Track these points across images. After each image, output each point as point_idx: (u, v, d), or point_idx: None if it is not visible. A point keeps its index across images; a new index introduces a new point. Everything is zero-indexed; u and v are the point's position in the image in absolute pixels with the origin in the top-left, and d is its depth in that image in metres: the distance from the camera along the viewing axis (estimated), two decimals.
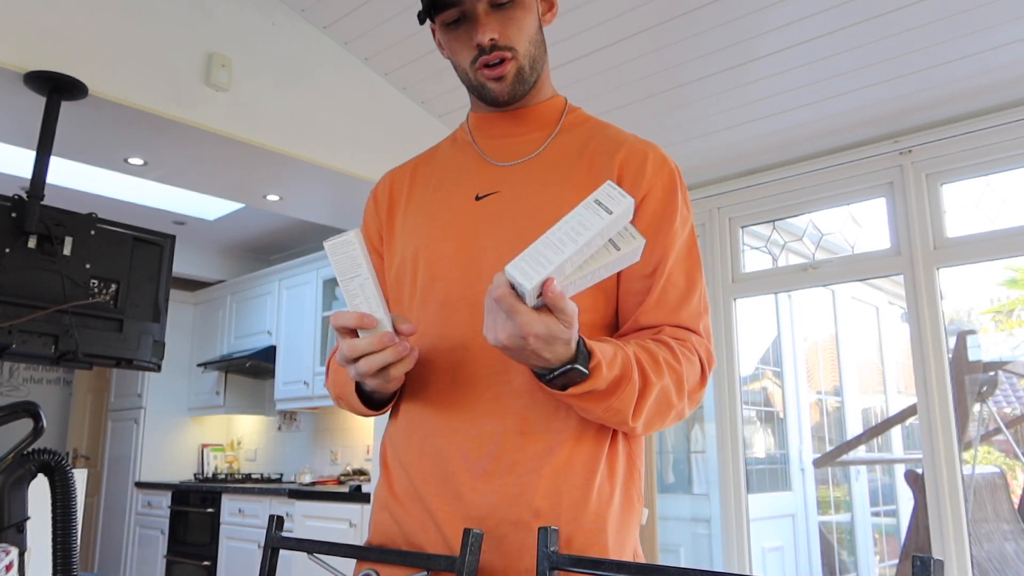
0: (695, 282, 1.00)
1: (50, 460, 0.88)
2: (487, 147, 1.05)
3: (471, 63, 0.99)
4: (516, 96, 1.01)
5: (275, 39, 2.93)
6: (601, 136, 1.03)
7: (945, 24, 2.38)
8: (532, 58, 1.00)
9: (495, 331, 0.77)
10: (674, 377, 0.90)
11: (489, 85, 0.99)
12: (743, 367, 3.60)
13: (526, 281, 0.73)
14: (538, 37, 1.02)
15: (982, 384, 4.36)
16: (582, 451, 0.92)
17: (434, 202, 1.04)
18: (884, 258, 3.06)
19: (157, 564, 4.81)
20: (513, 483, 0.90)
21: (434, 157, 1.12)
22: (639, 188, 0.97)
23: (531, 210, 0.96)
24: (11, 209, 2.05)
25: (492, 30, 0.95)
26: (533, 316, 0.75)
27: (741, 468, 3.34)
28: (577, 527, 0.90)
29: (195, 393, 5.48)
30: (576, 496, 0.91)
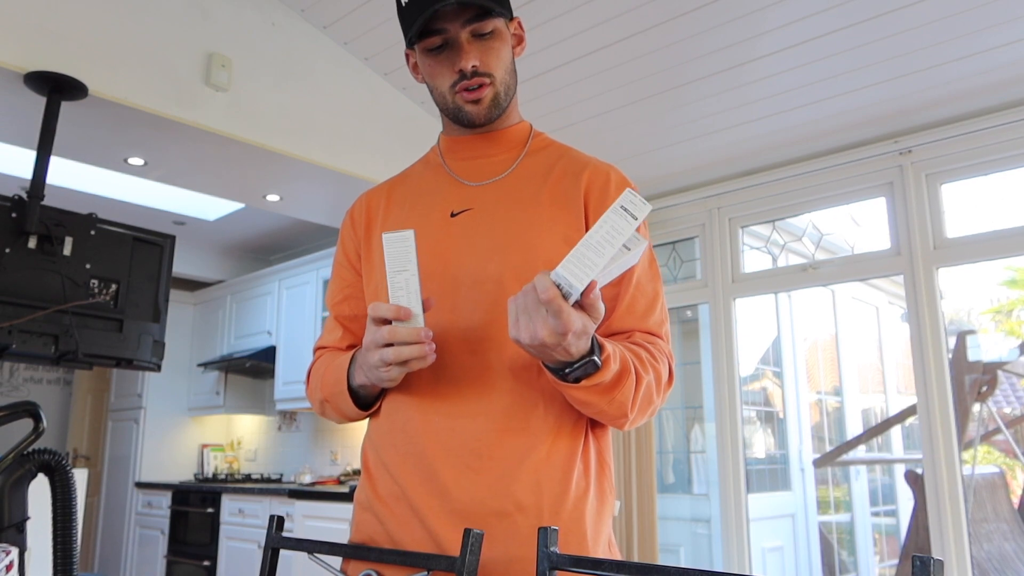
0: (657, 292, 1.08)
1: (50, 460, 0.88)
2: (458, 168, 1.12)
3: (451, 86, 1.05)
4: (490, 119, 1.08)
5: (275, 39, 2.93)
6: (566, 159, 1.11)
7: (945, 24, 2.38)
8: (507, 85, 1.08)
9: (534, 329, 0.82)
10: (655, 374, 0.99)
11: (467, 108, 1.06)
12: (743, 367, 3.60)
13: (577, 283, 0.80)
14: (512, 67, 1.09)
15: (982, 384, 4.36)
16: (560, 448, 0.99)
17: (411, 220, 1.09)
18: (884, 258, 3.06)
19: (157, 564, 4.81)
20: (496, 478, 0.96)
21: (408, 178, 1.18)
22: (604, 207, 1.04)
23: (504, 225, 1.03)
24: (11, 209, 2.05)
25: (475, 57, 1.02)
26: (575, 314, 0.82)
27: (741, 468, 3.34)
28: (557, 519, 0.96)
29: (195, 393, 5.48)
30: (556, 490, 0.97)
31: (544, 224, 1.03)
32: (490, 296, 0.99)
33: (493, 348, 0.98)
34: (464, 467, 0.96)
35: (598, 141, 3.34)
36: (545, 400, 0.98)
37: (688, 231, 3.72)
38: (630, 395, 0.94)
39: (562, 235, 1.03)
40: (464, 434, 0.97)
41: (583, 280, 0.80)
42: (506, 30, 1.07)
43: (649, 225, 3.85)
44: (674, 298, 3.74)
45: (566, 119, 3.20)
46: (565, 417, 0.99)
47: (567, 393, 0.93)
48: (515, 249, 1.01)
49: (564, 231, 1.03)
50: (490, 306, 0.99)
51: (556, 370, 0.90)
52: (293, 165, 3.00)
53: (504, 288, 0.99)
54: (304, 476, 4.62)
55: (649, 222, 3.96)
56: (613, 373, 0.91)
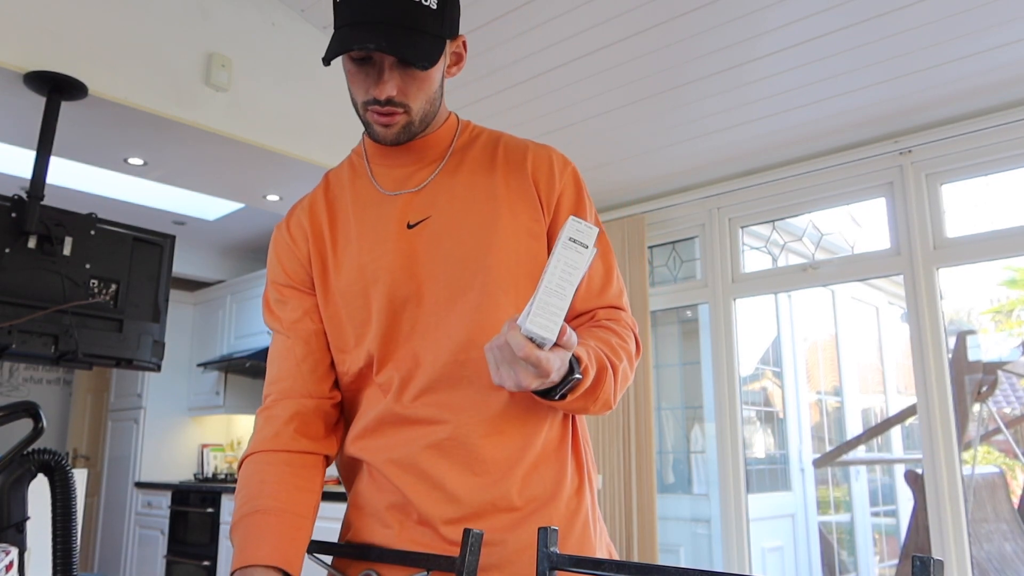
0: (611, 266, 1.08)
1: (50, 460, 0.88)
2: (386, 176, 1.08)
3: (363, 103, 1.00)
4: (399, 142, 1.03)
5: (275, 39, 2.93)
6: (502, 147, 1.08)
7: (945, 24, 2.38)
8: (424, 113, 1.02)
9: (517, 379, 0.83)
10: (626, 355, 1.01)
11: (376, 127, 1.02)
12: (743, 367, 3.60)
13: (549, 335, 0.80)
14: (437, 93, 1.03)
15: (981, 384, 4.36)
16: (551, 441, 1.01)
17: (364, 235, 1.05)
18: (884, 258, 3.06)
19: (157, 564, 4.81)
20: (495, 478, 0.97)
21: (339, 188, 1.12)
22: (553, 191, 1.05)
23: (469, 230, 1.01)
24: (11, 209, 2.05)
25: (392, 87, 0.97)
26: (553, 357, 0.82)
27: (741, 468, 3.34)
28: (555, 511, 0.98)
29: (195, 393, 5.47)
30: (552, 483, 0.99)
31: (507, 220, 1.02)
32: (475, 303, 0.99)
33: (482, 354, 0.97)
34: (463, 469, 0.96)
35: (598, 141, 3.34)
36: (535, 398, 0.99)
37: (688, 231, 3.72)
38: (611, 389, 0.96)
39: (526, 229, 1.03)
40: (461, 438, 0.97)
41: (553, 330, 0.80)
42: (440, 58, 1.00)
43: (649, 225, 3.84)
44: (674, 298, 3.74)
45: (566, 119, 3.20)
46: (554, 412, 1.02)
47: (553, 405, 0.95)
48: (487, 252, 1.00)
49: (527, 224, 1.03)
50: (475, 313, 0.98)
51: (544, 394, 0.91)
52: (293, 165, 3.00)
53: (487, 293, 0.99)
54: None
55: (649, 222, 3.95)
56: (593, 377, 0.92)
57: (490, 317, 0.98)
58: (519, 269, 1.01)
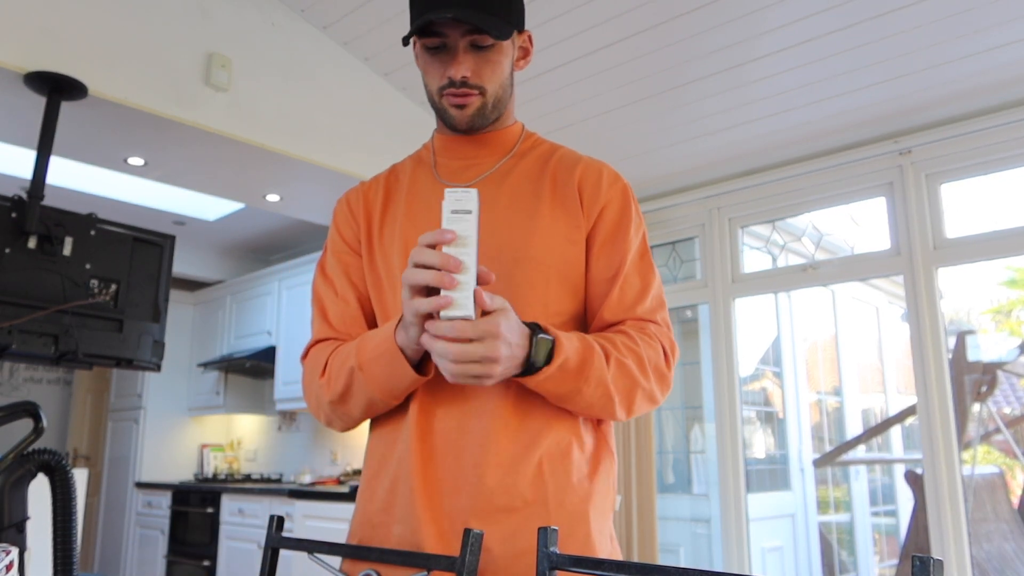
0: (649, 282, 1.09)
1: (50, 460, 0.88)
2: (450, 168, 1.13)
3: (439, 88, 1.06)
4: (473, 127, 1.08)
5: (275, 39, 2.93)
6: (557, 156, 1.12)
7: (945, 24, 2.38)
8: (497, 98, 1.07)
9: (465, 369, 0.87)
10: (632, 355, 1.00)
11: (451, 111, 1.06)
12: (743, 367, 3.60)
13: (466, 312, 0.83)
14: (508, 80, 1.09)
15: (981, 384, 4.36)
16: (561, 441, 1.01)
17: (411, 220, 1.09)
18: (884, 258, 3.06)
19: (157, 564, 4.81)
20: (503, 475, 0.98)
21: (401, 176, 1.19)
22: (597, 201, 1.07)
23: (507, 226, 1.05)
24: (11, 209, 2.05)
25: (467, 68, 1.02)
26: (490, 324, 0.86)
27: (741, 468, 3.35)
28: (561, 510, 0.98)
29: (195, 393, 5.48)
30: (560, 483, 0.99)
31: (545, 222, 1.05)
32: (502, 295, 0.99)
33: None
34: (473, 465, 0.98)
35: (598, 141, 3.34)
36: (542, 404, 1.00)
37: (688, 231, 3.72)
38: (605, 374, 0.96)
39: (563, 235, 1.05)
40: (471, 433, 0.99)
41: (468, 306, 0.83)
42: (509, 44, 1.06)
43: (649, 225, 3.84)
44: (674, 298, 3.74)
45: (566, 119, 3.20)
46: (564, 411, 1.02)
47: (545, 390, 0.95)
48: (518, 248, 1.03)
49: (565, 230, 1.05)
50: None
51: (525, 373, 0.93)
52: (293, 165, 3.00)
53: (515, 286, 1.01)
54: (304, 476, 4.62)
55: (649, 222, 3.96)
56: (576, 351, 0.94)
57: (515, 310, 0.98)
58: (550, 269, 1.03)
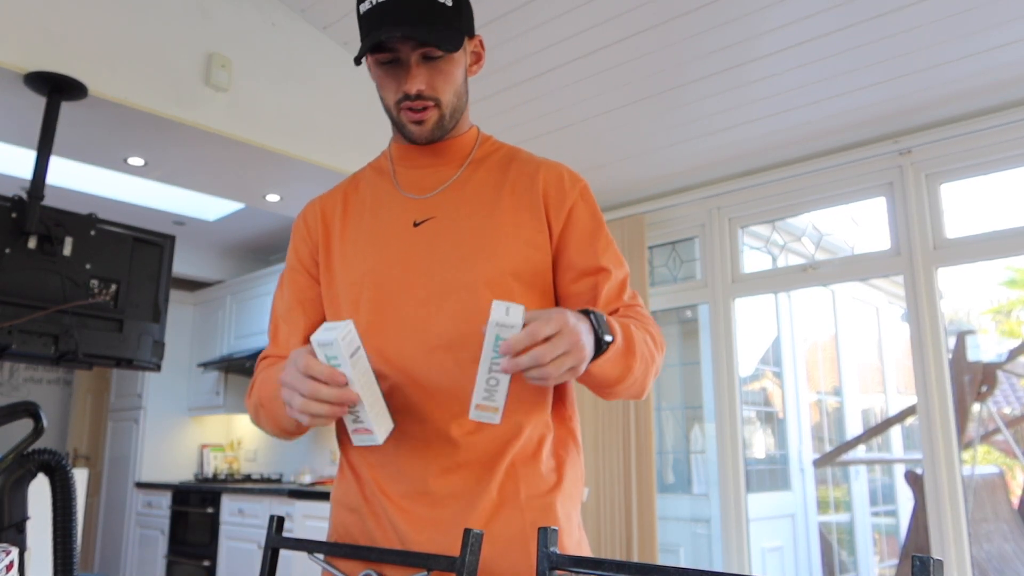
0: (625, 273, 1.13)
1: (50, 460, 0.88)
2: (408, 176, 1.13)
3: (395, 103, 1.06)
4: (433, 139, 1.09)
5: (275, 39, 2.93)
6: (517, 161, 1.13)
7: (945, 24, 2.38)
8: (453, 108, 1.08)
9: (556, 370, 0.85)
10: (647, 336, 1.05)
11: (410, 127, 1.07)
12: (743, 367, 3.60)
13: (378, 439, 0.93)
14: (463, 88, 1.10)
15: (981, 384, 4.36)
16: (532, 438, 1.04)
17: (372, 230, 1.10)
18: (884, 258, 3.06)
19: (157, 564, 4.81)
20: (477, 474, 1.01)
21: (360, 185, 1.18)
22: (564, 203, 1.09)
23: (470, 233, 1.06)
24: (11, 209, 2.05)
25: (421, 81, 1.02)
26: (555, 315, 0.85)
27: (741, 468, 3.34)
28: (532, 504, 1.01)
29: (195, 393, 5.47)
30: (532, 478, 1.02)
31: (508, 229, 1.06)
32: (462, 304, 1.02)
33: (466, 353, 1.00)
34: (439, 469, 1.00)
35: (598, 141, 3.34)
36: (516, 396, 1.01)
37: (688, 231, 3.72)
38: (644, 347, 1.00)
39: (526, 239, 1.06)
40: (440, 437, 1.01)
41: (377, 431, 0.92)
42: (461, 53, 1.06)
43: (649, 225, 3.84)
44: (674, 298, 3.74)
45: (566, 119, 3.20)
46: (533, 410, 1.05)
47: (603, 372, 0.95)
48: (483, 256, 1.04)
49: (528, 235, 1.06)
50: (463, 313, 1.01)
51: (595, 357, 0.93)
52: (293, 165, 3.00)
53: (476, 295, 1.01)
54: (304, 476, 4.62)
55: (649, 222, 3.95)
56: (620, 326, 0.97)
57: (475, 317, 1.00)
58: (511, 276, 1.04)
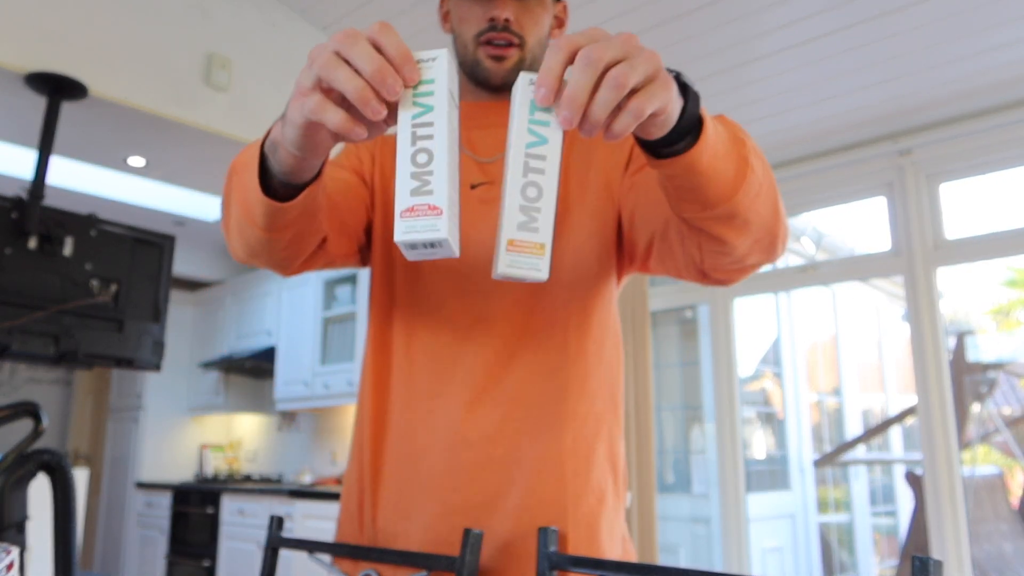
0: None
1: (51, 460, 0.88)
2: (473, 138, 1.02)
3: (475, 35, 0.97)
4: (507, 82, 0.98)
5: (275, 39, 2.93)
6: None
7: (945, 24, 2.38)
8: (534, 57, 1.00)
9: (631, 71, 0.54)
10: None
11: (486, 63, 0.98)
12: (743, 367, 3.60)
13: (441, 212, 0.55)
14: (545, 41, 1.02)
15: (981, 384, 4.36)
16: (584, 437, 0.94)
17: None
18: (884, 258, 3.06)
19: (157, 564, 4.81)
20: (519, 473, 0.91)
21: None
22: (622, 156, 0.98)
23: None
24: (11, 209, 2.05)
25: (511, 11, 0.96)
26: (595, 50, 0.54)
27: (740, 468, 3.35)
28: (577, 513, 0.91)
29: (195, 393, 5.48)
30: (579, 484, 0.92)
31: (573, 203, 0.97)
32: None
33: (515, 334, 0.93)
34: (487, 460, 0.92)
35: None
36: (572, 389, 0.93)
37: None
38: (760, 155, 0.73)
39: (591, 212, 0.96)
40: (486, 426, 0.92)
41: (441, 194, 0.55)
42: (550, 3, 1.02)
43: None
44: (674, 298, 3.74)
45: None
46: (592, 407, 0.95)
47: (709, 166, 0.66)
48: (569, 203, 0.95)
49: (594, 205, 0.97)
50: (514, 289, 0.93)
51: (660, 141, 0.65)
52: None
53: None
54: (304, 476, 4.62)
55: None
56: (716, 121, 0.69)
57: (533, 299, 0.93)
58: (572, 252, 0.95)
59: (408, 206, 0.54)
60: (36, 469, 0.88)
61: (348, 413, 4.74)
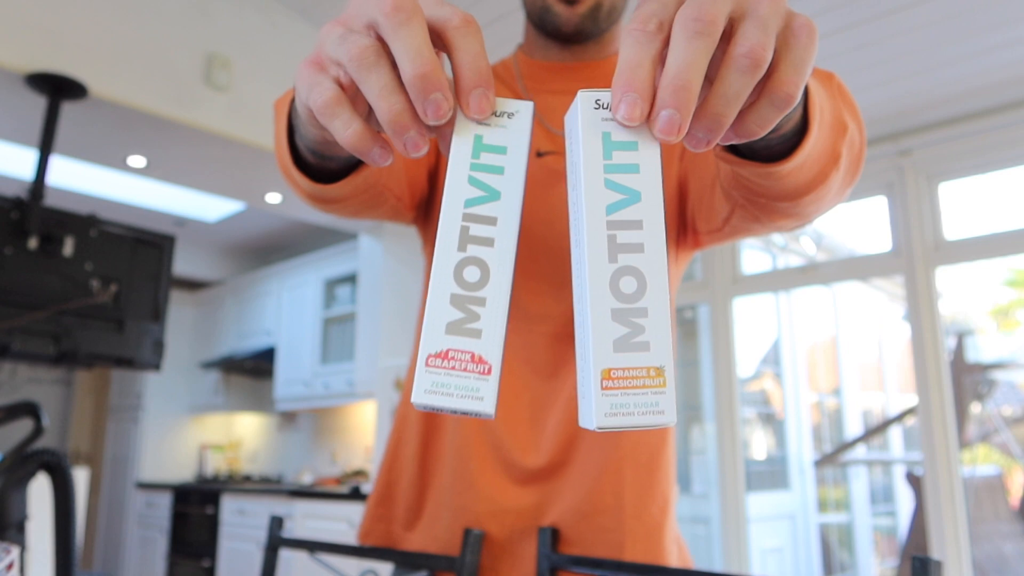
0: None
1: (51, 460, 0.88)
2: (541, 103, 0.90)
3: None
4: (580, 34, 0.87)
5: (275, 39, 2.93)
6: None
7: (945, 25, 2.39)
8: (612, 5, 0.88)
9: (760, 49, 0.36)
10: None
11: (556, 8, 0.86)
12: (743, 367, 3.60)
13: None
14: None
15: (981, 384, 4.36)
16: (647, 442, 0.89)
17: None
18: (884, 258, 3.06)
19: (157, 564, 4.81)
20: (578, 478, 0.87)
21: None
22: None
23: None
24: (11, 209, 2.06)
25: None
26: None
27: (740, 468, 3.35)
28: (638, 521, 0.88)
29: (195, 393, 5.48)
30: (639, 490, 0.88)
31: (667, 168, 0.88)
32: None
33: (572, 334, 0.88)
34: (550, 466, 0.87)
35: None
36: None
37: None
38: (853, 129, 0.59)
39: (670, 191, 0.86)
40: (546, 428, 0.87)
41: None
42: None
43: None
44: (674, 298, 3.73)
45: None
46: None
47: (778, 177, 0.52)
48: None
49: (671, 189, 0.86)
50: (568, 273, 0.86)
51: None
52: None
53: None
54: (304, 476, 4.63)
55: None
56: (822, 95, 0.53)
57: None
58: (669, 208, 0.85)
59: (438, 349, 0.36)
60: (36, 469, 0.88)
61: (348, 413, 4.74)
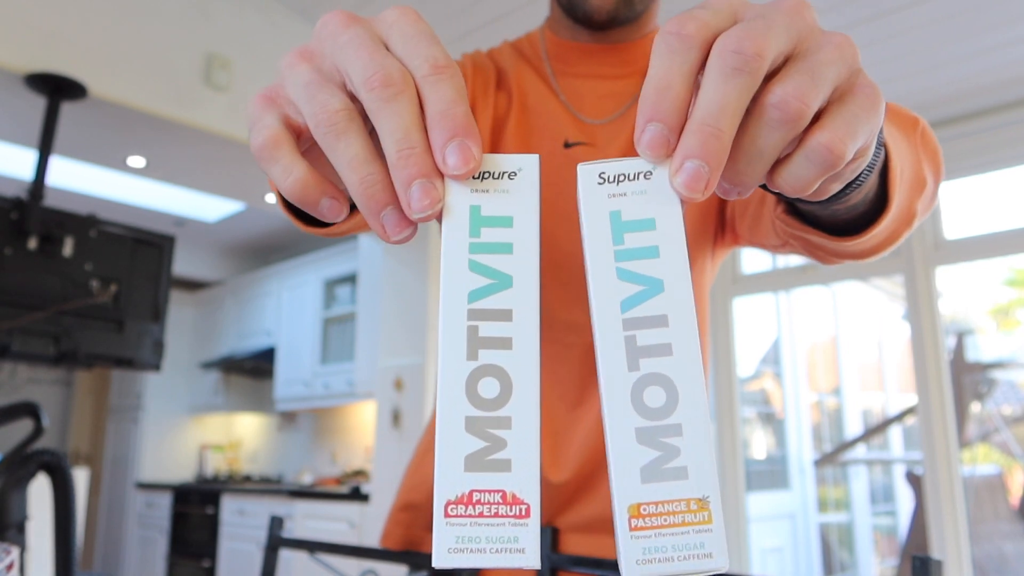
0: None
1: (51, 460, 0.88)
2: (569, 89, 0.83)
3: None
4: (615, 19, 0.79)
5: (275, 39, 2.93)
6: None
7: (945, 24, 2.39)
8: None
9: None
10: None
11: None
12: (743, 367, 3.60)
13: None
14: None
15: (981, 384, 4.36)
16: None
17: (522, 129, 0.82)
18: (884, 258, 3.06)
19: (157, 564, 4.81)
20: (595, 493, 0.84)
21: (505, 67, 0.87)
22: None
23: None
24: (11, 209, 2.06)
25: None
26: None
27: (741, 468, 3.35)
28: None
29: (195, 393, 5.48)
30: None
31: None
32: None
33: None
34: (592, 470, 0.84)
35: None
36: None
37: None
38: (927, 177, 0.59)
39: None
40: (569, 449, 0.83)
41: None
42: None
43: None
44: None
45: None
46: None
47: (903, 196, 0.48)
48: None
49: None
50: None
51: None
52: None
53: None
54: (304, 476, 4.63)
55: None
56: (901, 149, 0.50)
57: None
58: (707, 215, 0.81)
59: (459, 493, 0.27)
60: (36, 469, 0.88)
61: (348, 413, 4.74)
